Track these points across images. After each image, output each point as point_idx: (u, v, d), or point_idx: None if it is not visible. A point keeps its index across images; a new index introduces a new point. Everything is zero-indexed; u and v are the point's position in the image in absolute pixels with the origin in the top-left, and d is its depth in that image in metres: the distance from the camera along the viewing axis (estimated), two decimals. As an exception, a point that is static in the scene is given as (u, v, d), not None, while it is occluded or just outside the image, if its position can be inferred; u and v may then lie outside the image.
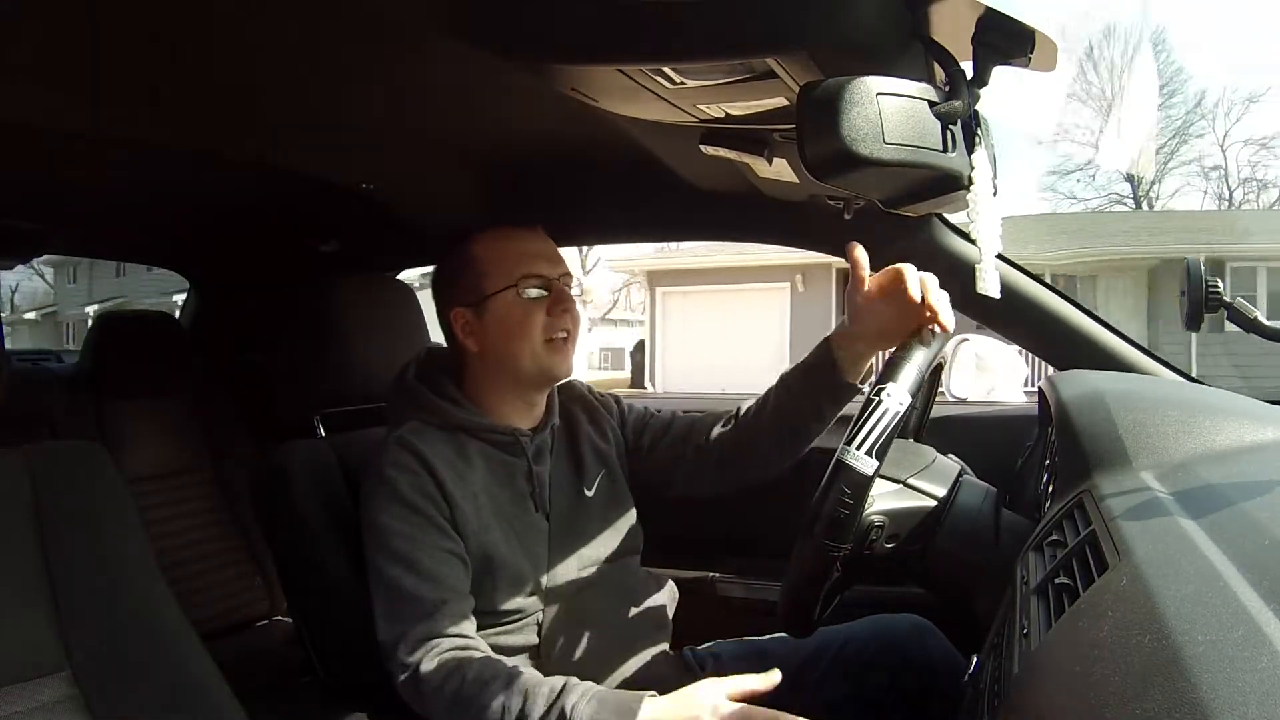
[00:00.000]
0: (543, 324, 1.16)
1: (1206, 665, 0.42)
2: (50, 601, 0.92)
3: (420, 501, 1.08)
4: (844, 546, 0.88)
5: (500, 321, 1.17)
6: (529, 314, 1.16)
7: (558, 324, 1.17)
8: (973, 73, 0.75)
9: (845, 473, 0.87)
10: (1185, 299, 0.93)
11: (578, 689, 0.96)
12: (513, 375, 1.18)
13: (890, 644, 1.20)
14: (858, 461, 0.87)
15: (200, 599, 1.96)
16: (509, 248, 1.18)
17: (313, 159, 1.41)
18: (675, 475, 1.27)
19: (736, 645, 1.28)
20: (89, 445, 1.05)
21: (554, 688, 0.96)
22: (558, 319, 1.16)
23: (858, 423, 0.89)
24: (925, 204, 0.82)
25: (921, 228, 1.35)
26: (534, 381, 1.19)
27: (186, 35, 0.92)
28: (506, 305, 1.16)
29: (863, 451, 0.87)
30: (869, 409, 0.90)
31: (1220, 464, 0.79)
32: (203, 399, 2.15)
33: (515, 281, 1.16)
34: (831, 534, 0.87)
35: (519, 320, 1.15)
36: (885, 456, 0.88)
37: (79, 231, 2.01)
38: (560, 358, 1.17)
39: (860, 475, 0.87)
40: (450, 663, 1.00)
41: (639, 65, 0.81)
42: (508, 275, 1.16)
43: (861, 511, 0.91)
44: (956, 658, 1.16)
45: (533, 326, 1.15)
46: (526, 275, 1.16)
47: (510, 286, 1.16)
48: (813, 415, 1.16)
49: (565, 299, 1.17)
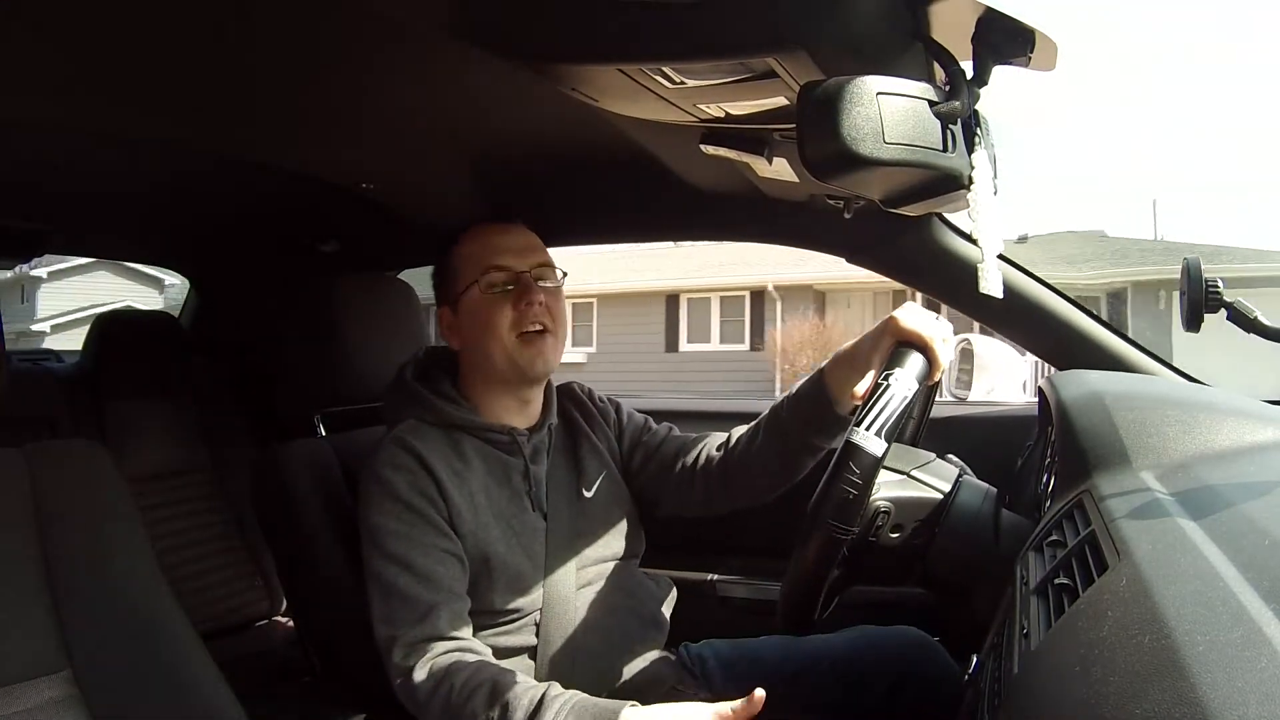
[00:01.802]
0: (510, 318, 1.14)
1: (1206, 665, 0.42)
2: (50, 601, 0.92)
3: (417, 501, 1.08)
4: (851, 530, 0.87)
5: (470, 317, 1.17)
6: (493, 308, 1.15)
7: (526, 317, 1.14)
8: (973, 73, 0.75)
9: (854, 453, 0.87)
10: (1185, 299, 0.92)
11: (557, 700, 0.95)
12: (491, 372, 1.17)
13: (889, 656, 1.19)
14: (867, 442, 0.87)
15: (200, 599, 1.96)
16: (475, 244, 1.19)
17: (313, 159, 1.41)
18: (663, 497, 1.27)
19: (729, 646, 1.28)
20: (89, 445, 1.05)
21: (533, 698, 0.95)
22: (525, 312, 1.14)
23: (866, 406, 0.89)
24: (925, 204, 0.82)
25: (921, 227, 1.35)
26: (512, 378, 1.17)
27: (186, 35, 0.92)
28: (474, 300, 1.16)
29: (871, 432, 0.87)
30: (877, 393, 0.90)
31: (1220, 464, 0.79)
32: (203, 399, 2.15)
33: (478, 276, 1.16)
34: (839, 516, 0.86)
35: (485, 315, 1.15)
36: (893, 439, 0.88)
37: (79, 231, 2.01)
38: (533, 352, 1.15)
39: (869, 456, 0.86)
40: (441, 669, 1.00)
41: (639, 65, 0.81)
42: (474, 270, 1.16)
43: (869, 495, 0.90)
44: (955, 672, 1.15)
45: (498, 321, 1.14)
46: (490, 268, 1.16)
47: (474, 282, 1.16)
48: (802, 447, 1.16)
49: (530, 291, 1.15)
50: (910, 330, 1.01)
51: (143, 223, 1.95)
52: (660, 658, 1.21)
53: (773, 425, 1.18)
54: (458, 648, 1.03)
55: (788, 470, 1.18)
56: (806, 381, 1.15)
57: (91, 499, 1.00)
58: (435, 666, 1.00)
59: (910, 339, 1.00)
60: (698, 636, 1.31)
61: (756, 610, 1.58)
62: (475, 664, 1.01)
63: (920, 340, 0.99)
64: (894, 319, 1.04)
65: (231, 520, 2.11)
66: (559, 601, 1.15)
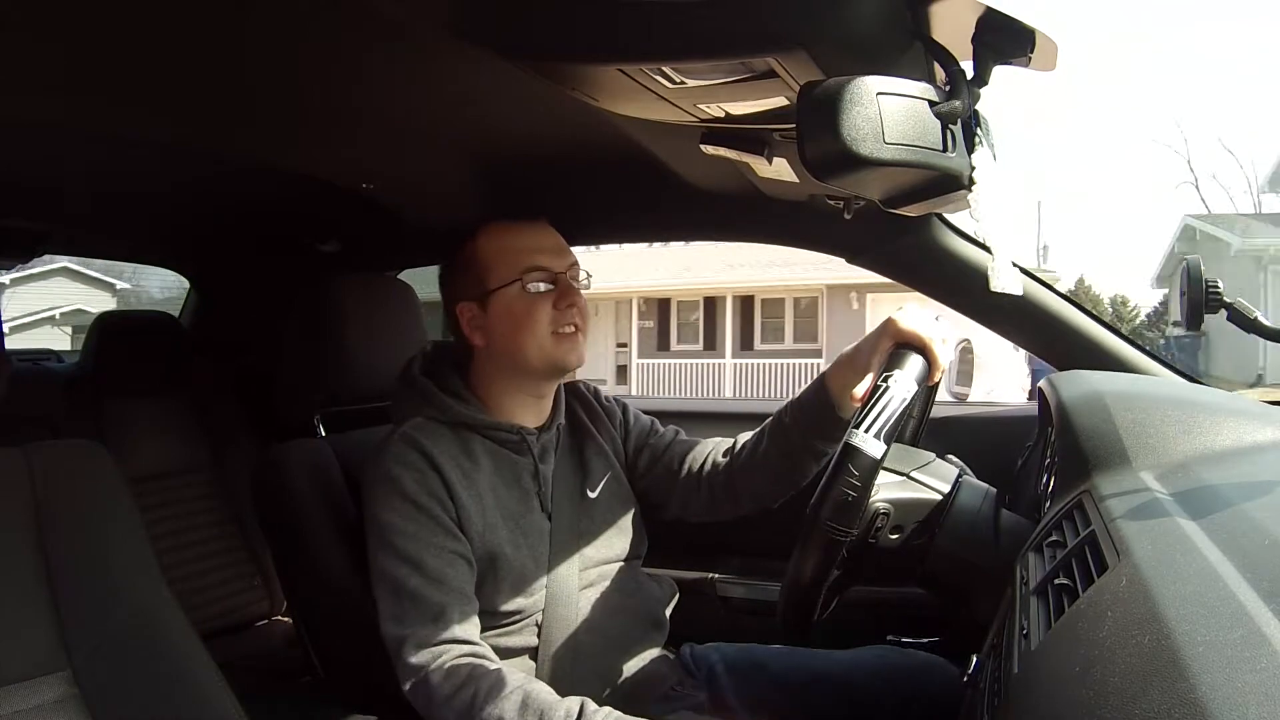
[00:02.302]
0: (549, 318, 1.15)
1: (1206, 665, 0.42)
2: (50, 601, 0.92)
3: (426, 500, 1.07)
4: (850, 532, 0.87)
5: (505, 316, 1.16)
6: (534, 308, 1.15)
7: (564, 318, 1.15)
8: (973, 73, 0.75)
9: (853, 455, 0.87)
10: (1185, 299, 0.92)
11: (598, 715, 0.95)
12: (520, 369, 1.17)
13: (900, 676, 1.18)
14: (866, 444, 0.87)
15: (200, 599, 1.96)
16: (513, 242, 1.18)
17: (313, 159, 1.41)
18: (668, 500, 1.28)
19: (736, 651, 1.27)
20: (89, 445, 1.05)
21: (570, 710, 0.95)
22: (564, 313, 1.15)
23: (865, 408, 0.89)
24: (925, 204, 0.82)
25: (922, 228, 1.35)
26: (541, 374, 1.17)
27: (186, 35, 0.92)
28: (511, 299, 1.15)
29: (870, 435, 0.87)
30: (876, 395, 0.90)
31: (1220, 464, 0.79)
32: (203, 399, 2.15)
33: (520, 275, 1.15)
34: (838, 517, 0.86)
35: (524, 314, 1.15)
36: (893, 441, 0.88)
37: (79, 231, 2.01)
38: (568, 348, 1.16)
39: (868, 458, 0.87)
40: (462, 673, 0.99)
41: (639, 65, 0.81)
42: (512, 269, 1.16)
43: (868, 496, 0.90)
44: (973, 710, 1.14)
45: (538, 321, 1.14)
46: (531, 269, 1.15)
47: (515, 280, 1.15)
48: (806, 451, 1.16)
49: (571, 293, 1.16)
50: (909, 332, 1.01)
51: (143, 223, 1.95)
52: (660, 657, 1.21)
53: (776, 430, 1.18)
54: (472, 652, 1.02)
55: (792, 475, 1.18)
56: (809, 386, 1.15)
57: (91, 499, 1.00)
58: (454, 669, 1.00)
59: (909, 340, 1.01)
60: (697, 636, 1.31)
61: (757, 611, 1.58)
62: (497, 670, 1.00)
63: (919, 342, 1.00)
64: (892, 321, 1.04)
65: (231, 520, 2.11)
66: (561, 602, 1.14)
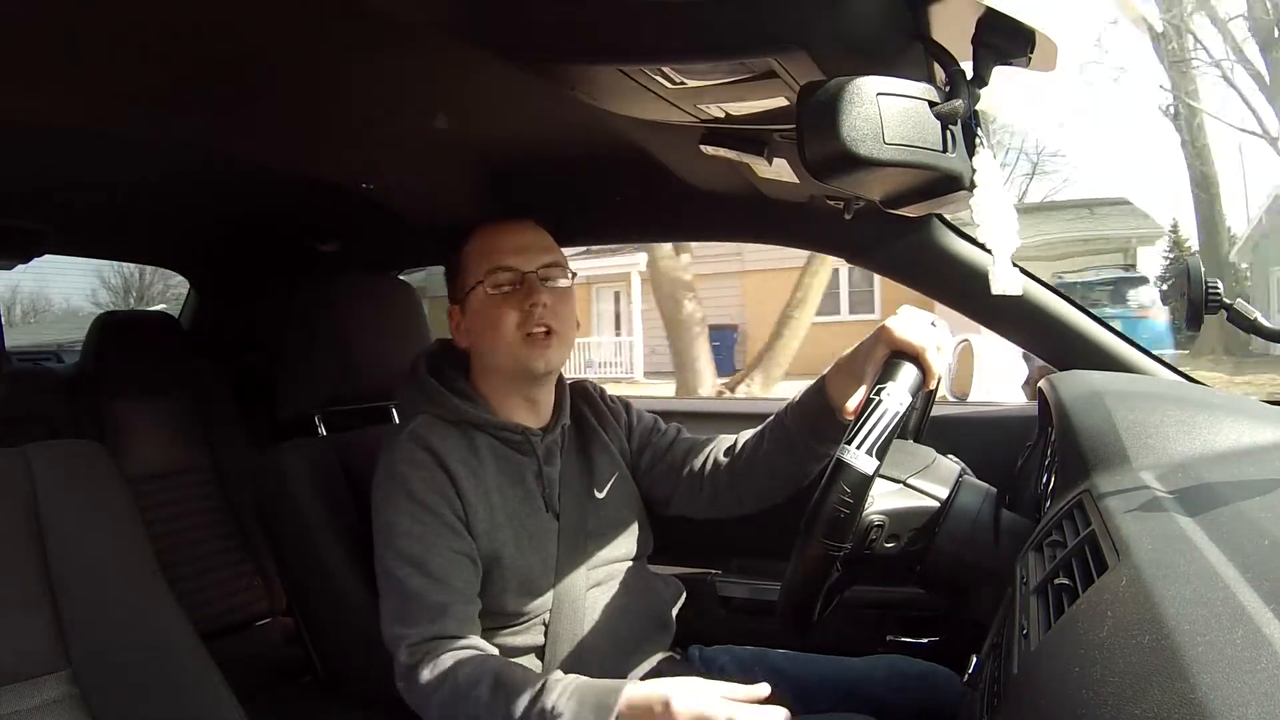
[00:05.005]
0: (515, 319, 1.13)
1: (1206, 665, 0.42)
2: (50, 601, 0.92)
3: (433, 500, 1.07)
4: (844, 546, 0.88)
5: (476, 317, 1.16)
6: (498, 308, 1.13)
7: (531, 318, 1.13)
8: (973, 73, 0.75)
9: (844, 472, 0.87)
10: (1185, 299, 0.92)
11: (558, 686, 0.94)
12: (497, 371, 1.17)
13: (912, 687, 1.18)
14: (857, 460, 0.87)
15: (200, 599, 1.96)
16: (485, 243, 1.18)
17: (313, 159, 1.41)
18: (670, 497, 1.27)
19: (744, 653, 1.27)
20: (89, 445, 1.05)
21: (535, 687, 0.95)
22: (529, 313, 1.13)
23: (857, 422, 0.89)
24: (925, 204, 0.82)
25: (922, 229, 1.35)
26: (516, 377, 1.16)
27: (186, 34, 0.92)
28: (479, 301, 1.15)
29: (862, 450, 0.87)
30: (868, 409, 0.90)
31: (1220, 464, 0.79)
32: (203, 399, 2.14)
33: (483, 276, 1.15)
34: (831, 534, 0.87)
35: (489, 315, 1.14)
36: (885, 456, 0.88)
37: (79, 231, 2.01)
38: (537, 353, 1.13)
39: (859, 474, 0.86)
40: (445, 667, 0.99)
41: (639, 65, 0.81)
42: (478, 270, 1.16)
43: (861, 511, 0.90)
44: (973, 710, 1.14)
45: (503, 321, 1.13)
46: (494, 269, 1.15)
47: (480, 282, 1.15)
48: (807, 453, 1.15)
49: (535, 292, 1.13)
50: (903, 340, 0.99)
51: (143, 223, 1.95)
52: (666, 658, 1.21)
53: (777, 431, 1.18)
54: (463, 646, 1.02)
55: (794, 475, 1.18)
56: (809, 389, 1.15)
57: (91, 499, 1.00)
58: (439, 665, 1.00)
59: (903, 349, 0.98)
60: (699, 635, 1.31)
61: (758, 610, 1.58)
62: (478, 658, 1.01)
63: (913, 350, 0.98)
64: (886, 328, 1.02)
65: (231, 520, 2.10)
66: (569, 602, 1.14)
